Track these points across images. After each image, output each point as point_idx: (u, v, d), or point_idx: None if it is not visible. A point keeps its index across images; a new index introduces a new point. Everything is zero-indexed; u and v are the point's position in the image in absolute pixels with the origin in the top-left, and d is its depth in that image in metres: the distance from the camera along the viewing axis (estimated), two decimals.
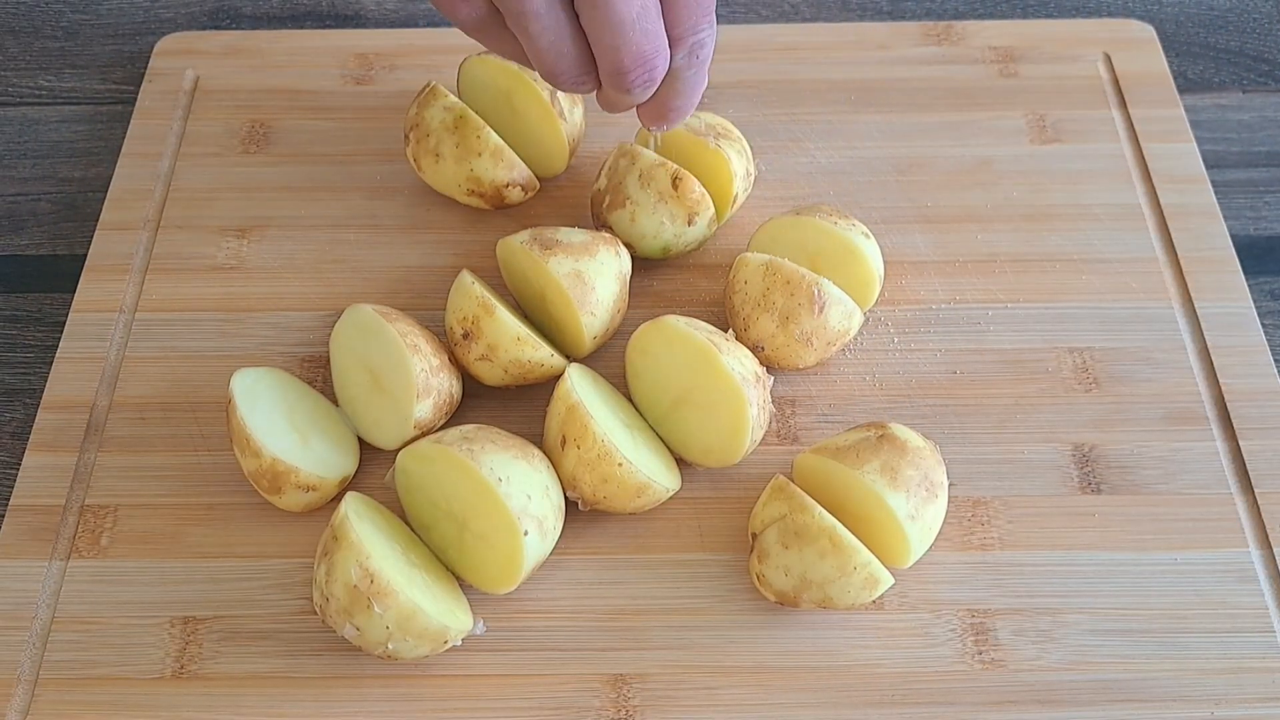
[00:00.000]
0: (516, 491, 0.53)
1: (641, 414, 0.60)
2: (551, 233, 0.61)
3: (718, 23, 0.81)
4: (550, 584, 0.57)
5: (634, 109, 0.56)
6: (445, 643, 0.52)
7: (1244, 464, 0.60)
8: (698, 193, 0.63)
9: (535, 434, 0.58)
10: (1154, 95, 0.74)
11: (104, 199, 0.71)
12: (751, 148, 0.68)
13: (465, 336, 0.59)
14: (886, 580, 0.53)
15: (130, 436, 0.61)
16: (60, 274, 0.70)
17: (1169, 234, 0.68)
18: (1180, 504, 0.59)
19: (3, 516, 0.60)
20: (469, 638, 0.54)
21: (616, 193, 0.64)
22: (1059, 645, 0.55)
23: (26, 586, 0.57)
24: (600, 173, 0.66)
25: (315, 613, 0.54)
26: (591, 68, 0.52)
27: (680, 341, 0.57)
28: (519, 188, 0.67)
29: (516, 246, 0.61)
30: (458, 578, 0.56)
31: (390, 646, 0.51)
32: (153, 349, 0.65)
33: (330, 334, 0.62)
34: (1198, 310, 0.65)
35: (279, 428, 0.58)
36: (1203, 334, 0.64)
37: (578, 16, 0.50)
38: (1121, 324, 0.65)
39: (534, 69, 0.53)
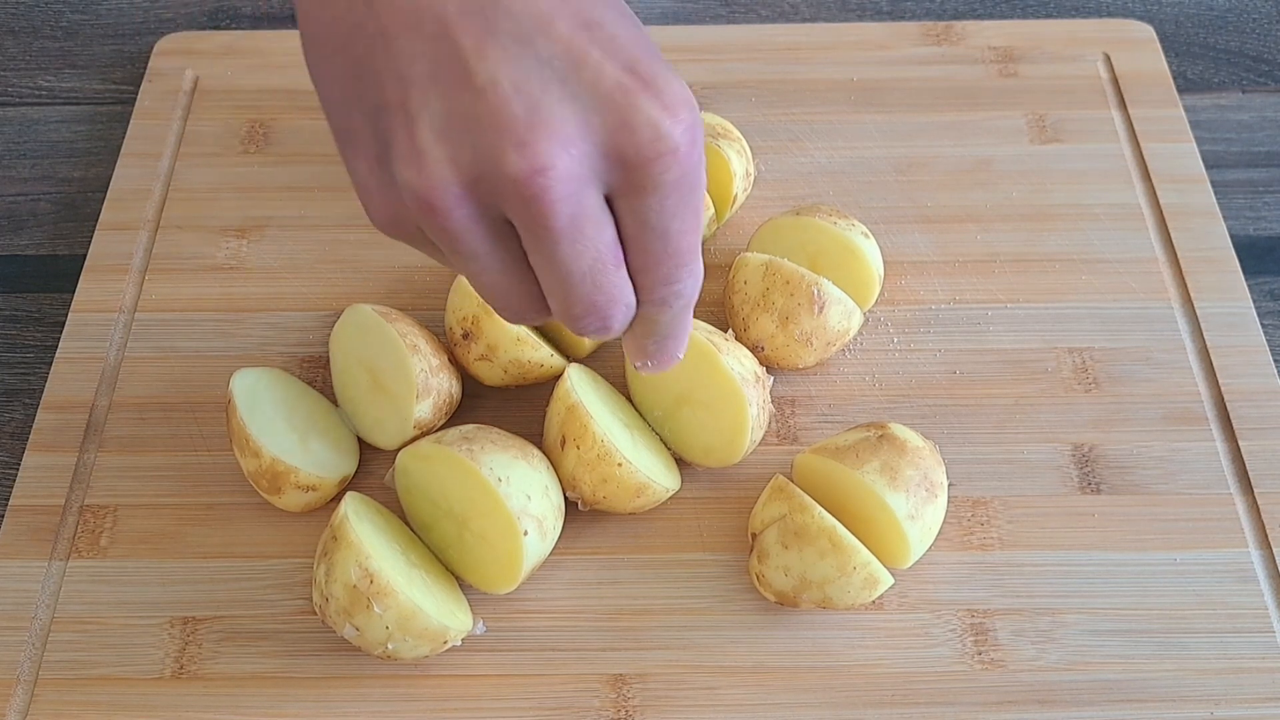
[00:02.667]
0: (516, 491, 0.53)
1: (641, 414, 0.60)
2: None
3: (718, 23, 0.81)
4: (550, 584, 0.57)
5: None
6: (445, 643, 0.52)
7: (1244, 464, 0.60)
8: None
9: (535, 434, 0.58)
10: (1154, 95, 0.74)
11: (104, 199, 0.71)
12: (751, 148, 0.68)
13: (465, 336, 0.59)
14: (886, 580, 0.53)
15: (130, 436, 0.61)
16: (60, 274, 0.70)
17: (1169, 234, 0.68)
18: (1180, 504, 0.59)
19: (2, 516, 0.60)
20: (469, 638, 0.54)
21: None
22: (1058, 645, 0.55)
23: (26, 586, 0.57)
24: None
25: (315, 613, 0.54)
26: (544, 305, 0.44)
27: None
28: None
29: None
30: (458, 578, 0.56)
31: (390, 646, 0.51)
32: (152, 349, 0.65)
33: (330, 334, 0.62)
34: (1197, 310, 0.65)
35: (279, 428, 0.58)
36: (1202, 334, 0.64)
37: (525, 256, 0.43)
38: (1121, 324, 0.65)
39: None
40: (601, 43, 0.39)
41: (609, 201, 0.41)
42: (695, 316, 0.60)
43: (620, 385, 0.62)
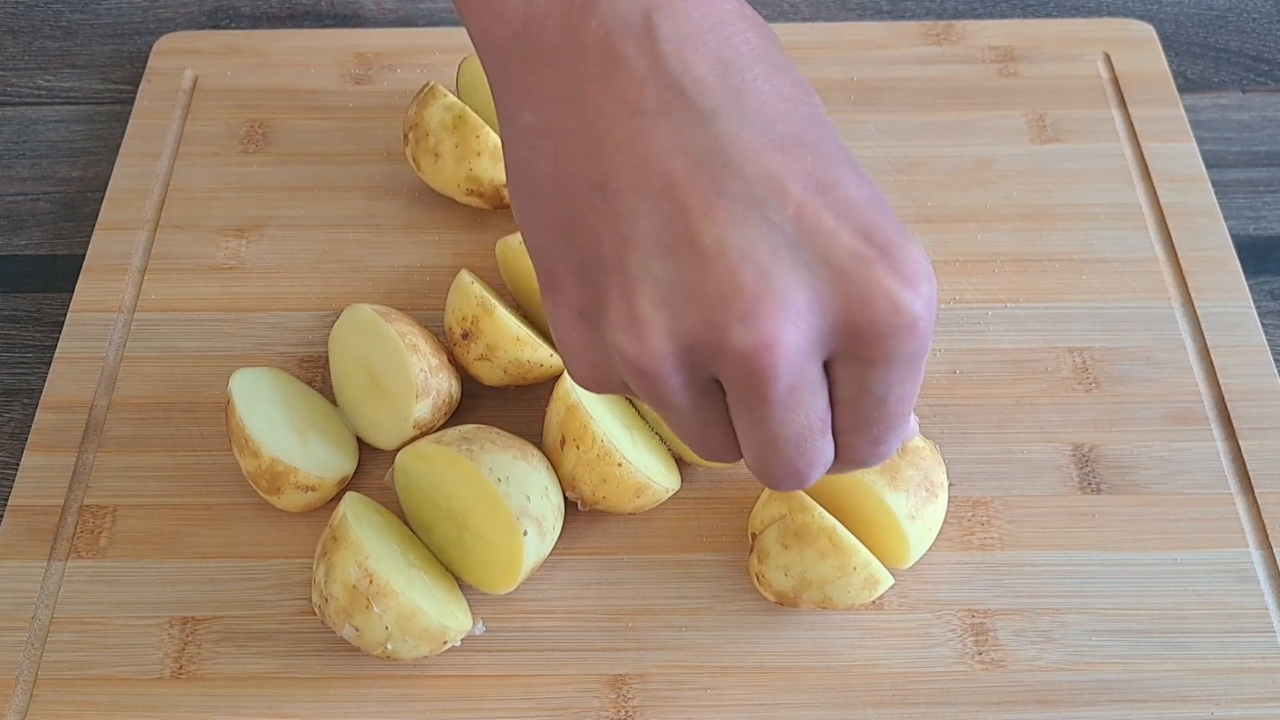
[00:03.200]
0: (516, 492, 0.53)
1: (641, 414, 0.60)
2: None
3: None
4: (550, 584, 0.57)
5: None
6: (445, 643, 0.52)
7: (1244, 464, 0.60)
8: None
9: (535, 434, 0.58)
10: (1154, 95, 0.74)
11: (103, 199, 0.71)
12: None
13: (465, 336, 0.59)
14: (886, 580, 0.53)
15: (129, 436, 0.61)
16: (59, 274, 0.70)
17: (1169, 234, 0.68)
18: (1180, 504, 0.59)
19: (1, 516, 0.60)
20: (468, 638, 0.54)
21: None
22: (1059, 645, 0.55)
23: (25, 587, 0.57)
24: None
25: (314, 613, 0.54)
26: (739, 452, 0.42)
27: None
28: None
29: (516, 246, 0.61)
30: (457, 578, 0.56)
31: (389, 647, 0.51)
32: (151, 349, 0.65)
33: (329, 334, 0.62)
34: (1198, 310, 0.65)
35: (278, 428, 0.58)
36: (1203, 334, 0.64)
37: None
38: (1121, 324, 0.65)
39: None
40: (836, 207, 0.37)
41: (826, 365, 0.38)
42: None
43: None
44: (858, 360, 0.38)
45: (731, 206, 0.36)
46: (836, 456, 0.41)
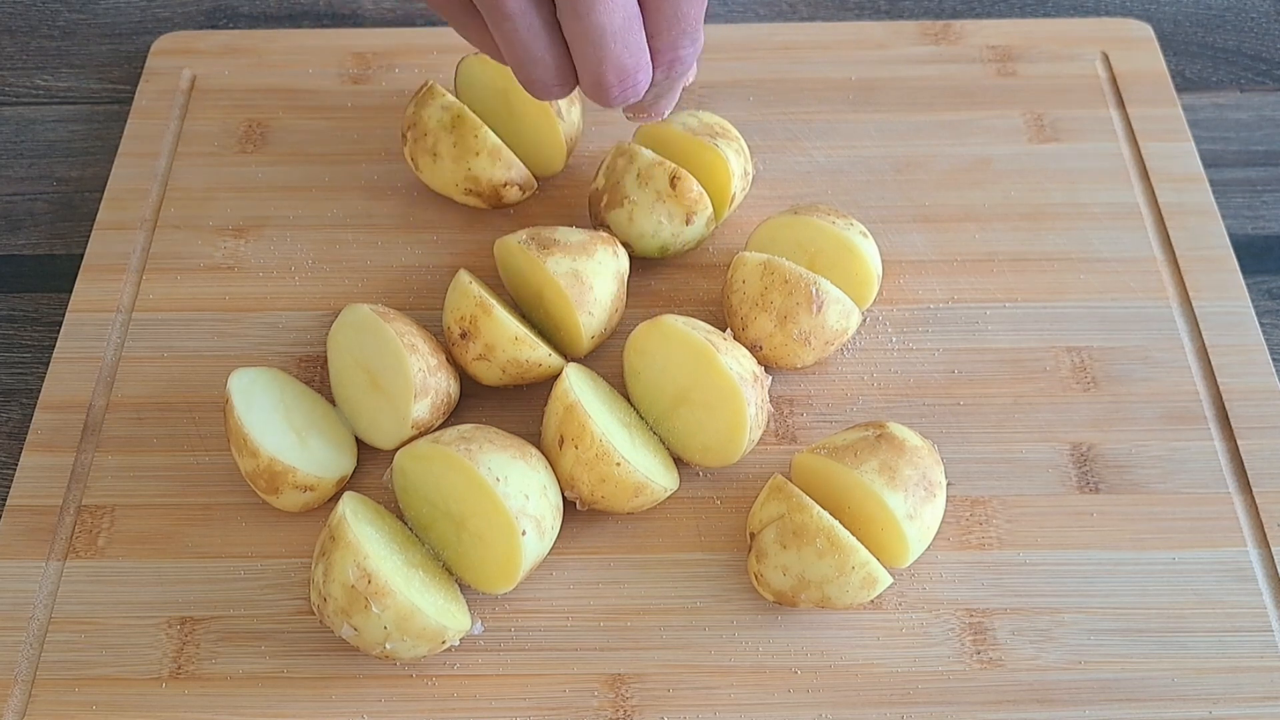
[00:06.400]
0: (514, 491, 0.53)
1: (640, 414, 0.60)
2: (549, 232, 0.61)
3: (715, 22, 0.81)
4: (548, 584, 0.57)
5: None
6: (443, 643, 0.52)
7: (1242, 463, 0.60)
8: (695, 192, 0.63)
9: (533, 434, 0.58)
10: (1152, 94, 0.74)
11: (101, 199, 0.71)
12: (749, 147, 0.68)
13: (463, 336, 0.59)
14: (885, 580, 0.53)
15: (127, 436, 0.61)
16: (57, 274, 0.70)
17: (1167, 233, 0.68)
18: (1178, 503, 0.59)
19: (0, 516, 0.60)
20: (467, 638, 0.54)
21: (614, 192, 0.64)
22: (1057, 644, 0.55)
23: (23, 587, 0.57)
24: (598, 172, 0.66)
25: (313, 613, 0.54)
26: (569, 76, 0.50)
27: (678, 341, 0.57)
28: (516, 187, 0.67)
29: (514, 246, 0.61)
30: (456, 578, 0.56)
31: (388, 646, 0.51)
32: (150, 349, 0.65)
33: (327, 334, 0.62)
34: (1195, 309, 0.65)
35: (276, 427, 0.58)
36: (1200, 333, 0.64)
37: (559, 23, 0.48)
38: (1119, 323, 0.65)
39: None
40: None
41: None
42: (693, 315, 0.60)
43: (618, 385, 0.61)
44: None
45: None
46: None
